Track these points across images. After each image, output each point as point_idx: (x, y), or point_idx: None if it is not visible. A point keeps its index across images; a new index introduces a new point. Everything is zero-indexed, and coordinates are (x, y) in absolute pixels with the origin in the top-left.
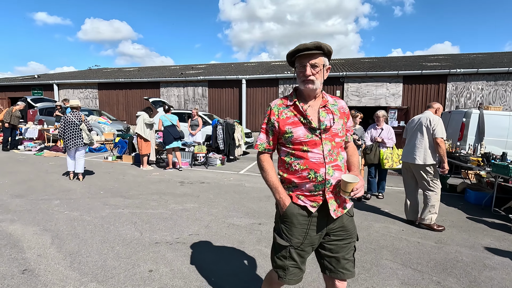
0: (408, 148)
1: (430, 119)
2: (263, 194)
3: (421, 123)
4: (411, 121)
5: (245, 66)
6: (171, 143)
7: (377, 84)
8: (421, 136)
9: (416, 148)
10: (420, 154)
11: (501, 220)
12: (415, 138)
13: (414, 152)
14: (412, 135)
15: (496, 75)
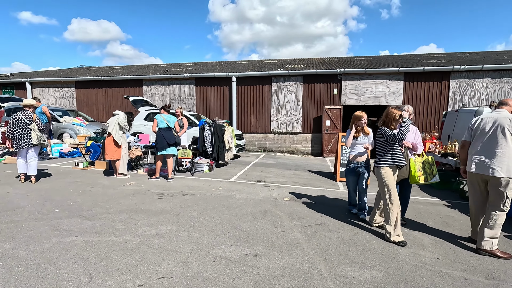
0: (482, 156)
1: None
2: (258, 208)
3: (501, 125)
4: (482, 121)
5: (235, 64)
6: (164, 149)
7: (376, 81)
8: (504, 141)
9: (497, 156)
10: (503, 165)
11: None
12: (495, 144)
13: (494, 161)
14: (488, 140)
15: (501, 72)
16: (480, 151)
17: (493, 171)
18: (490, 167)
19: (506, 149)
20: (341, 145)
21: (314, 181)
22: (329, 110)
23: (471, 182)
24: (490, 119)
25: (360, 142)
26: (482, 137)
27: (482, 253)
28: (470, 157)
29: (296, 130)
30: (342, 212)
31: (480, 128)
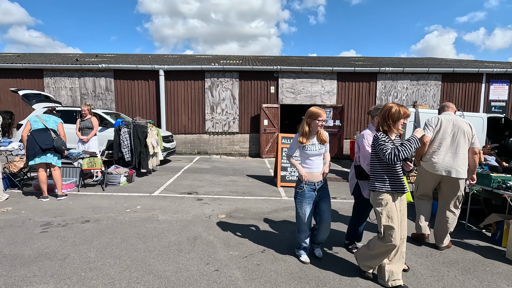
0: (446, 158)
1: (470, 125)
2: (186, 234)
3: (461, 129)
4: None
5: (164, 57)
6: (36, 156)
7: (312, 80)
8: (464, 144)
9: (460, 158)
10: (464, 167)
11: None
12: (457, 147)
13: (457, 163)
14: (451, 142)
15: (418, 75)
16: (443, 152)
17: (457, 173)
18: (454, 169)
19: (465, 151)
20: (282, 147)
21: (254, 189)
22: (267, 108)
23: (428, 183)
24: (449, 121)
25: (312, 153)
26: (445, 138)
27: (442, 249)
28: (431, 158)
29: (233, 130)
30: (287, 227)
31: (442, 129)
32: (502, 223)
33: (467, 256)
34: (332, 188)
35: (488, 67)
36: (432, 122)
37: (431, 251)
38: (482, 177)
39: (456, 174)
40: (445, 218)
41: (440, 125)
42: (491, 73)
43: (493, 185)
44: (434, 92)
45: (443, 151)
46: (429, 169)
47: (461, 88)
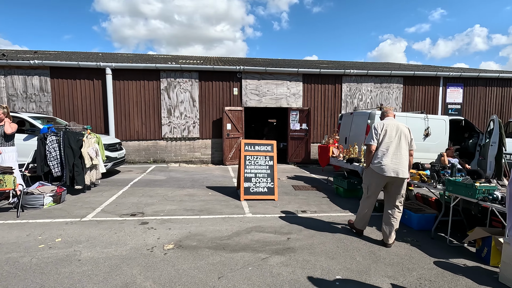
0: (392, 160)
1: (409, 129)
2: (113, 282)
3: (403, 133)
4: (388, 128)
5: (114, 55)
6: None
7: (277, 82)
8: (406, 147)
9: (403, 160)
10: (406, 167)
11: (469, 258)
12: (400, 149)
13: (401, 164)
14: (395, 145)
15: (381, 78)
16: (391, 155)
17: (403, 173)
18: (400, 170)
19: (407, 153)
20: (245, 154)
21: (213, 204)
22: (230, 111)
23: (375, 184)
24: (393, 126)
25: None
26: (390, 142)
27: (389, 246)
28: (380, 161)
29: (193, 135)
30: (249, 259)
31: (387, 134)
32: (489, 239)
33: (459, 283)
34: (301, 199)
35: (444, 71)
36: (378, 128)
37: (420, 281)
38: (466, 187)
39: (402, 175)
40: (392, 216)
41: (386, 131)
42: (448, 76)
43: (478, 196)
44: (397, 95)
45: (390, 154)
46: (378, 171)
47: (421, 91)
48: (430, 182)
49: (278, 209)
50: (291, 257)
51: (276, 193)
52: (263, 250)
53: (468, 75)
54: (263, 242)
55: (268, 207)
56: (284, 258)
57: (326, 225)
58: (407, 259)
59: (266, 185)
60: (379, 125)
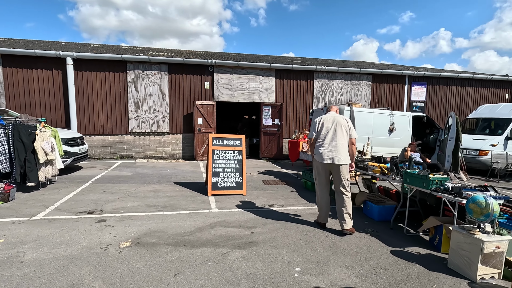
0: (329, 148)
1: (346, 120)
2: (57, 283)
3: (339, 123)
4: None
5: (78, 44)
6: None
7: (250, 77)
8: (342, 136)
9: (339, 147)
10: (344, 154)
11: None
12: (336, 138)
13: (338, 151)
14: (332, 135)
15: (351, 75)
16: (327, 144)
17: (338, 159)
18: (336, 157)
19: (343, 142)
20: (213, 149)
21: (179, 200)
22: (201, 106)
23: (319, 173)
24: (329, 118)
25: None
26: (326, 133)
27: (346, 233)
28: (318, 150)
29: (162, 130)
30: (210, 254)
31: (324, 126)
32: (440, 227)
33: (411, 270)
34: (269, 194)
35: (409, 70)
36: (316, 122)
37: (376, 269)
38: (421, 179)
39: (338, 161)
40: (339, 200)
41: (322, 123)
42: (413, 75)
43: (431, 187)
44: (366, 92)
45: (327, 143)
46: (319, 160)
47: (388, 88)
48: (389, 175)
49: (245, 204)
50: (253, 251)
51: (244, 188)
52: (225, 245)
53: (431, 74)
54: (226, 236)
55: (236, 201)
56: (246, 252)
57: (291, 219)
58: (365, 249)
59: (235, 180)
60: (318, 119)
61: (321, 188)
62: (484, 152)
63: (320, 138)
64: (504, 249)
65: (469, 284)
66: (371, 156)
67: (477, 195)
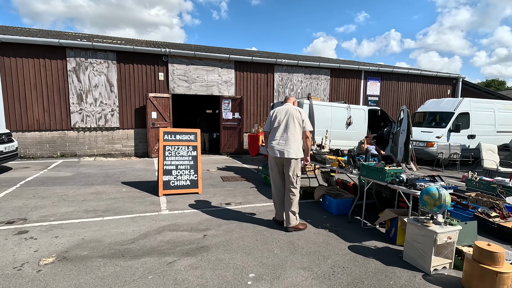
0: (280, 142)
1: (300, 111)
2: None
3: (291, 115)
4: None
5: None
6: None
7: (208, 68)
8: (295, 129)
9: (290, 141)
10: (295, 148)
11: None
12: (288, 131)
13: (288, 145)
14: (284, 128)
15: (311, 69)
16: (278, 137)
17: (288, 153)
18: (286, 150)
19: (296, 135)
20: (164, 144)
21: (124, 202)
22: (155, 99)
23: (272, 167)
24: (282, 110)
25: None
26: (278, 126)
27: (290, 230)
28: (270, 144)
29: (111, 124)
30: (154, 266)
31: (276, 118)
32: (396, 219)
33: (369, 267)
34: (227, 191)
35: (365, 65)
36: (270, 115)
37: (334, 269)
38: (377, 171)
39: (287, 155)
40: (286, 196)
41: (276, 116)
42: (368, 70)
43: (387, 179)
44: (325, 86)
45: (278, 136)
46: (270, 153)
47: (346, 83)
48: (347, 168)
49: (200, 204)
50: (203, 258)
51: (200, 186)
52: (172, 252)
53: (384, 70)
54: (174, 242)
55: (190, 201)
56: (195, 259)
57: (248, 218)
58: (323, 247)
59: (189, 178)
60: (272, 111)
61: (275, 183)
62: (431, 143)
63: (273, 132)
64: (455, 239)
65: (423, 277)
66: (329, 149)
67: (430, 187)
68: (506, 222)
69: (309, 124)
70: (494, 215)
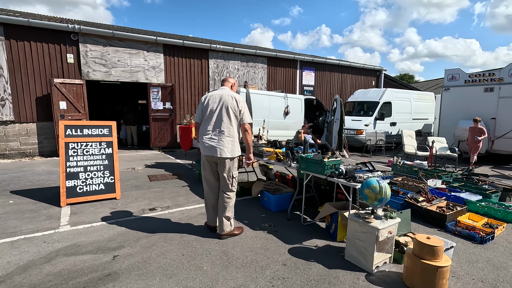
0: (212, 137)
1: (237, 99)
2: None
3: (225, 104)
4: (210, 100)
5: None
6: None
7: (131, 51)
8: (229, 121)
9: (224, 137)
10: (230, 145)
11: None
12: (221, 124)
13: (221, 142)
14: (217, 120)
15: (247, 57)
16: (210, 131)
17: (221, 152)
18: (218, 148)
19: (231, 128)
20: (66, 141)
21: (7, 220)
22: (63, 85)
23: (204, 166)
24: (216, 97)
25: None
26: (211, 116)
27: (224, 237)
28: (201, 139)
29: (2, 117)
30: None
31: (209, 107)
32: (336, 214)
33: (311, 273)
34: (154, 193)
35: (300, 55)
36: (201, 102)
37: (273, 282)
38: (316, 164)
39: (220, 154)
40: (220, 199)
41: (208, 103)
42: (303, 60)
43: (326, 172)
44: (262, 75)
45: (210, 130)
46: (201, 151)
47: (283, 72)
48: (285, 161)
49: (116, 213)
50: None
51: (118, 190)
52: None
53: (318, 60)
54: (68, 273)
55: (103, 210)
56: None
57: (176, 225)
58: (262, 253)
59: (103, 181)
60: (204, 97)
61: (208, 184)
62: (360, 131)
63: (204, 123)
64: (395, 233)
65: (366, 278)
66: (266, 140)
67: (371, 180)
68: (432, 206)
69: (248, 115)
70: (422, 200)
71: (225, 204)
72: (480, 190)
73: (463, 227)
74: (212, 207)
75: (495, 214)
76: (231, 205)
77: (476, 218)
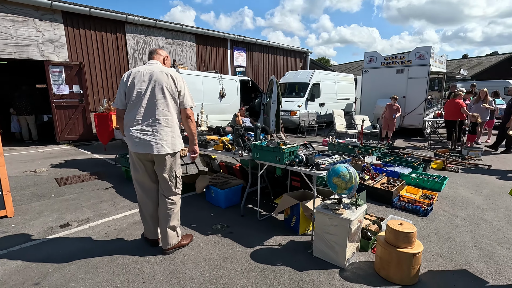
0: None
1: (174, 77)
2: None
3: (159, 84)
4: (136, 79)
5: None
6: None
7: (15, 17)
8: (165, 106)
9: (164, 126)
10: (168, 137)
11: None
12: (156, 110)
13: (157, 134)
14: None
15: (173, 33)
16: (140, 121)
17: (158, 147)
18: (154, 142)
19: (169, 116)
20: None
21: None
22: None
23: (135, 166)
24: (144, 74)
25: None
26: (140, 100)
27: (169, 252)
28: (129, 131)
29: None
30: None
31: (135, 88)
32: (297, 206)
33: (282, 281)
34: (66, 201)
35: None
36: (123, 81)
37: None
38: (273, 152)
39: (157, 149)
40: (162, 206)
41: (133, 83)
42: (234, 40)
43: (285, 160)
44: (191, 54)
45: (140, 118)
46: (130, 147)
47: (213, 52)
48: (235, 150)
49: (8, 238)
50: None
51: (9, 204)
52: None
53: (249, 40)
54: None
55: None
56: None
57: (101, 244)
58: (220, 266)
59: None
60: (125, 75)
61: (143, 189)
62: (294, 112)
63: (130, 109)
64: (363, 220)
65: (340, 275)
66: (207, 127)
67: (339, 167)
68: (376, 183)
69: (190, 97)
70: (368, 178)
71: (169, 211)
72: (408, 163)
73: (405, 201)
74: (150, 217)
75: (425, 185)
76: (176, 211)
77: (412, 190)
